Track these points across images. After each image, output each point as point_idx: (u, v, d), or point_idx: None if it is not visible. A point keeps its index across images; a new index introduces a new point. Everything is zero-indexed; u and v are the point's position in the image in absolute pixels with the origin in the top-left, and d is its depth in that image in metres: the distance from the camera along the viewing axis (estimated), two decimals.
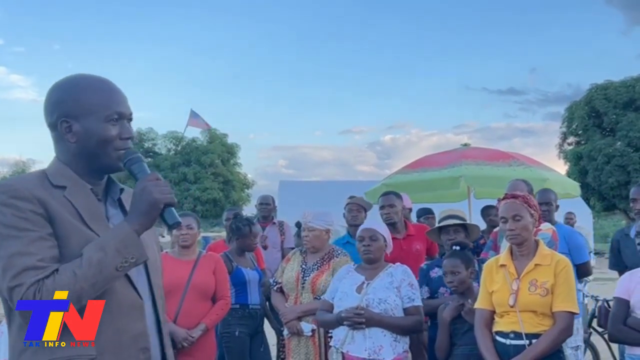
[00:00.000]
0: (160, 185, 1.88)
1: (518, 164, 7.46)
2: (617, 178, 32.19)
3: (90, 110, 1.93)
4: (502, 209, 3.55)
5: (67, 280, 1.73)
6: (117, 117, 1.96)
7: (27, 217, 1.78)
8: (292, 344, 4.58)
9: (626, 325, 3.51)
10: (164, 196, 1.87)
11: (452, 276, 3.97)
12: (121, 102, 1.99)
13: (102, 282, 1.78)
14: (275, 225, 7.45)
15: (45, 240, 1.79)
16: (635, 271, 3.68)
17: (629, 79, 33.94)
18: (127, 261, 1.81)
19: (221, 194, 37.64)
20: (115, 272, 1.80)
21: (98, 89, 1.98)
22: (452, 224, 4.68)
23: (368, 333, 3.88)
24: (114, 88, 2.02)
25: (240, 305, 5.30)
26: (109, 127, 1.94)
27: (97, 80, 2.02)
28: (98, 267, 1.76)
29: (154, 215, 1.88)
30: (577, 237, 5.21)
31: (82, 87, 1.97)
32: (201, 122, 31.86)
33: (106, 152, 1.95)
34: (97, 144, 1.94)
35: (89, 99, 1.94)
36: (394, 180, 7.81)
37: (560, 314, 3.36)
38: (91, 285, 1.75)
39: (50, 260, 1.77)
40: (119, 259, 1.79)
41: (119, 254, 1.79)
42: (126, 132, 1.98)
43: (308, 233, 4.71)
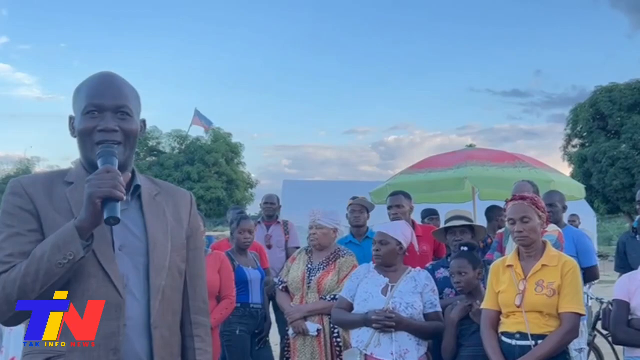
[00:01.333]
0: (104, 178, 1.80)
1: (523, 166, 7.44)
2: (622, 181, 32.13)
3: (77, 105, 2.00)
4: (511, 211, 3.54)
5: (15, 276, 1.78)
6: (94, 110, 1.94)
7: (13, 213, 1.87)
8: (297, 344, 4.57)
9: (630, 327, 3.50)
10: (100, 189, 1.77)
11: (459, 277, 3.95)
12: (102, 95, 1.96)
13: (44, 277, 1.77)
14: (280, 225, 7.44)
15: (23, 236, 1.84)
16: (634, 273, 3.67)
17: (634, 82, 33.88)
18: (66, 258, 1.77)
19: (225, 193, 37.66)
20: (56, 268, 1.77)
21: (87, 85, 2.01)
22: (459, 224, 4.67)
23: (395, 336, 3.86)
24: (102, 82, 2.00)
25: (241, 304, 5.27)
26: (87, 119, 1.94)
27: (93, 76, 2.04)
28: (39, 263, 1.77)
29: (92, 210, 1.78)
30: (586, 241, 5.19)
31: (80, 85, 2.03)
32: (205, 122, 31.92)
33: (87, 146, 1.96)
34: (79, 137, 1.97)
35: (79, 95, 2.00)
36: (399, 180, 7.80)
37: (567, 315, 3.35)
38: (33, 280, 1.77)
39: (18, 256, 1.81)
40: (58, 256, 1.76)
41: (58, 250, 1.77)
42: (103, 124, 1.93)
43: (317, 231, 4.70)
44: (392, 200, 5.45)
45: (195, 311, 2.15)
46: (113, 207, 1.79)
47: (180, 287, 2.08)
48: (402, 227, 4.29)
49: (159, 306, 1.95)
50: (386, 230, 4.22)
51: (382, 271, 4.13)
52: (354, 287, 4.14)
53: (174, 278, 2.03)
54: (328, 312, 4.44)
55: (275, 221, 7.47)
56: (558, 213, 5.14)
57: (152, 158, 39.10)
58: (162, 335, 1.96)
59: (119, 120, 1.95)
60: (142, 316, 1.93)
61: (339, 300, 4.23)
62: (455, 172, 7.41)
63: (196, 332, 2.13)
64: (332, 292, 4.53)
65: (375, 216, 6.19)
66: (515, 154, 8.11)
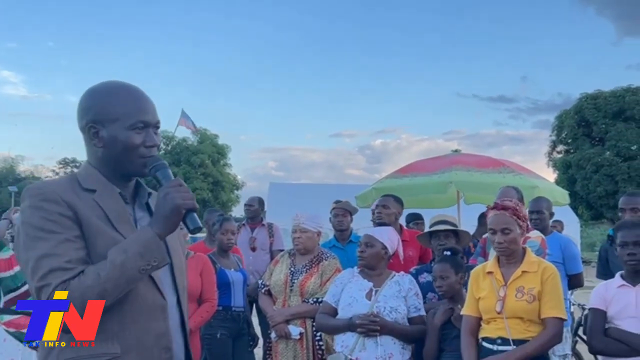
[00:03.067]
0: (182, 191, 1.93)
1: (508, 171, 7.47)
2: (605, 187, 32.43)
3: (116, 117, 2.00)
4: (492, 221, 3.54)
5: (92, 282, 1.80)
6: (142, 126, 2.02)
7: (55, 220, 1.86)
8: (279, 347, 4.54)
9: (607, 336, 3.51)
10: (185, 202, 1.92)
11: (441, 281, 3.96)
12: (147, 111, 2.05)
13: (124, 283, 1.84)
14: (264, 227, 7.42)
15: (72, 242, 1.86)
16: (610, 282, 3.67)
17: (619, 89, 34.24)
18: (150, 264, 1.86)
19: (210, 194, 37.66)
20: (138, 274, 1.85)
21: (125, 97, 2.04)
22: (443, 229, 4.67)
23: (380, 340, 3.85)
24: (141, 96, 2.08)
25: (223, 307, 5.25)
26: (134, 134, 2.01)
27: (126, 87, 2.08)
28: (121, 270, 1.82)
29: (176, 220, 1.93)
30: (573, 248, 5.20)
31: (110, 94, 2.04)
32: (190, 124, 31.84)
33: (130, 159, 2.02)
34: (122, 150, 2.01)
35: (116, 106, 2.01)
36: (385, 184, 7.80)
37: (550, 320, 3.37)
38: (114, 286, 1.82)
39: (76, 262, 1.83)
40: (141, 262, 1.84)
41: (141, 257, 1.84)
42: (150, 140, 2.03)
43: (300, 234, 4.68)
44: (379, 201, 5.46)
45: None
46: (195, 217, 1.96)
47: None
48: (389, 233, 4.30)
49: (185, 305, 2.14)
50: (373, 233, 4.22)
51: (366, 275, 4.12)
52: (338, 291, 4.13)
53: (185, 279, 2.21)
54: (310, 315, 4.43)
55: (260, 223, 7.45)
56: (545, 220, 5.15)
57: None
58: (189, 333, 2.15)
59: (155, 135, 2.07)
60: (176, 316, 2.08)
61: (323, 305, 4.22)
62: (440, 177, 7.43)
63: None
64: (315, 295, 4.52)
65: (359, 220, 6.19)
66: (500, 160, 8.14)
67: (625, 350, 3.41)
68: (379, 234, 4.19)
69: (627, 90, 33.71)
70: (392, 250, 4.20)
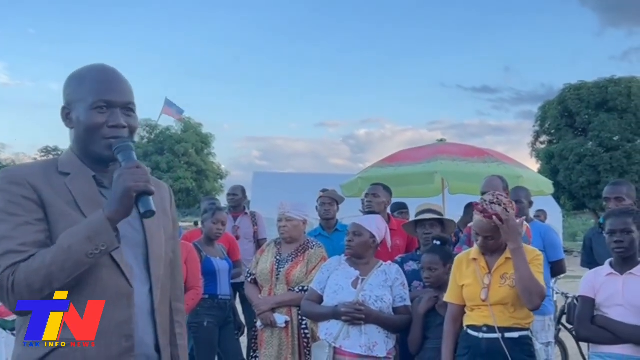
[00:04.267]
0: (137, 173, 1.88)
1: (492, 161, 7.50)
2: (588, 178, 32.65)
3: (80, 98, 1.99)
4: (477, 225, 3.51)
5: (38, 265, 1.78)
6: (104, 105, 1.98)
7: (17, 202, 1.86)
8: (265, 336, 4.54)
9: (594, 324, 3.53)
10: (136, 184, 1.86)
11: (430, 272, 3.96)
12: (111, 90, 2.01)
13: (71, 267, 1.80)
14: (248, 216, 7.43)
15: (32, 225, 1.85)
16: (599, 269, 3.70)
17: (602, 80, 34.39)
18: (98, 248, 1.81)
19: (194, 183, 37.48)
20: (86, 258, 1.81)
21: (92, 78, 2.02)
22: (429, 218, 4.68)
23: (364, 329, 3.86)
24: (109, 76, 2.05)
25: (209, 295, 5.26)
26: (96, 114, 1.97)
27: (96, 68, 2.06)
28: (68, 253, 1.79)
29: (126, 203, 1.86)
30: (553, 235, 5.24)
31: (80, 75, 2.04)
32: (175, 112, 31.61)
33: (93, 140, 1.99)
34: (84, 131, 1.99)
35: (82, 87, 2.01)
36: (370, 173, 7.81)
37: None
38: (60, 270, 1.78)
39: (31, 245, 1.82)
40: (89, 246, 1.80)
41: (89, 241, 1.80)
42: (114, 120, 1.99)
43: (286, 223, 4.67)
44: (369, 189, 5.48)
45: (175, 298, 2.26)
46: (148, 201, 1.89)
47: (169, 276, 2.20)
48: (377, 221, 4.29)
49: (159, 295, 2.07)
50: (361, 222, 4.21)
51: (353, 264, 4.12)
52: (324, 279, 4.13)
53: (166, 267, 2.15)
54: (296, 303, 4.42)
55: (243, 212, 7.46)
56: (524, 209, 5.18)
57: None
58: (162, 322, 2.09)
59: (126, 116, 2.02)
60: (146, 304, 2.02)
61: (309, 292, 4.22)
62: (426, 166, 7.44)
63: (177, 318, 2.25)
64: (301, 283, 4.51)
65: (345, 209, 6.19)
66: (485, 149, 8.17)
67: (611, 338, 3.44)
68: (367, 223, 4.19)
69: (610, 81, 33.89)
70: (380, 238, 4.20)
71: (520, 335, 3.44)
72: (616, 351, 3.42)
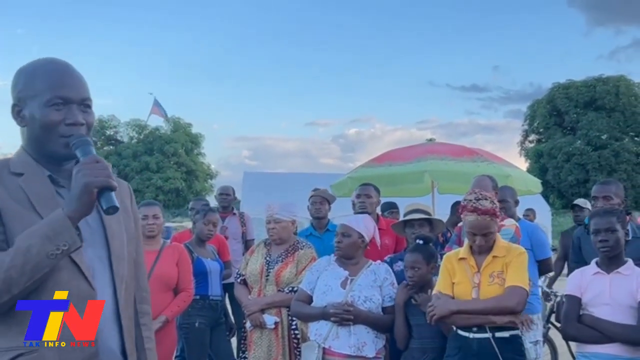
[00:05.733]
0: (96, 167, 1.79)
1: (482, 160, 7.52)
2: (576, 176, 32.87)
3: (34, 94, 1.90)
4: (473, 225, 3.54)
5: None
6: (60, 102, 1.89)
7: None
8: (254, 337, 4.53)
9: (580, 323, 3.56)
10: (97, 179, 1.77)
11: (413, 271, 3.96)
12: (67, 86, 1.91)
13: (31, 270, 1.70)
14: (236, 216, 7.42)
15: None
16: (585, 268, 3.73)
17: (590, 79, 34.63)
18: (59, 248, 1.72)
19: (184, 183, 37.40)
20: (46, 259, 1.71)
21: (45, 73, 1.92)
22: (417, 217, 4.69)
23: (353, 329, 3.87)
24: (64, 71, 1.95)
25: (200, 296, 5.25)
26: (52, 111, 1.88)
27: (50, 63, 1.96)
28: (26, 255, 1.69)
29: (87, 200, 1.77)
30: (540, 234, 5.27)
31: (32, 71, 1.93)
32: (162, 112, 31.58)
33: (50, 138, 1.90)
34: (40, 129, 1.89)
35: (35, 83, 1.90)
36: (360, 173, 7.81)
37: (509, 287, 3.43)
38: (20, 273, 1.69)
39: None
40: (49, 246, 1.71)
41: (49, 240, 1.71)
42: (71, 117, 1.90)
43: (275, 225, 4.66)
44: (361, 190, 5.44)
45: (140, 300, 2.17)
46: (110, 196, 1.80)
47: (134, 277, 2.10)
48: (364, 220, 4.30)
49: (124, 297, 1.97)
50: (349, 222, 4.21)
51: (342, 264, 4.13)
52: (314, 279, 4.13)
53: (130, 268, 2.05)
54: (286, 304, 4.42)
55: (231, 212, 7.45)
56: (510, 208, 5.20)
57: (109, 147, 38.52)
58: (127, 326, 1.98)
59: (83, 112, 1.93)
60: (110, 307, 1.92)
61: (298, 293, 4.22)
62: (415, 166, 7.45)
63: (142, 320, 2.16)
64: (291, 284, 4.51)
65: (336, 209, 6.19)
66: (474, 149, 8.19)
67: (597, 336, 3.47)
68: (355, 223, 4.19)
69: (598, 80, 34.11)
70: (369, 238, 4.21)
71: (510, 334, 3.47)
72: (602, 351, 3.44)
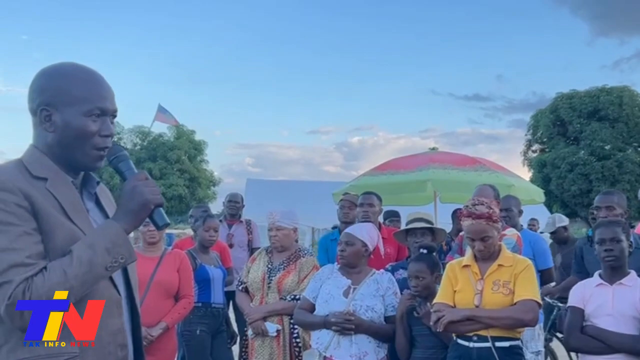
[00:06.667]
0: (150, 185, 1.87)
1: (484, 170, 7.52)
2: (580, 186, 32.78)
3: (71, 101, 1.87)
4: (470, 230, 3.54)
5: (58, 279, 1.70)
6: (99, 113, 1.90)
7: (12, 211, 1.72)
8: (255, 345, 4.52)
9: (584, 334, 3.55)
10: (154, 197, 1.86)
11: (417, 281, 3.94)
12: (106, 97, 1.93)
13: (91, 280, 1.75)
14: (242, 224, 7.41)
15: (31, 235, 1.74)
16: (588, 281, 3.73)
17: (594, 89, 34.57)
18: (117, 261, 1.79)
19: (187, 190, 37.37)
20: (105, 271, 1.78)
21: (83, 81, 1.91)
22: (419, 226, 4.68)
23: (354, 339, 3.86)
24: (101, 81, 1.95)
25: (202, 303, 5.25)
26: (89, 122, 1.88)
27: (85, 71, 1.95)
28: (88, 266, 1.73)
29: (143, 216, 1.86)
30: (542, 244, 5.26)
31: (67, 76, 1.91)
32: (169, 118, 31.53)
33: (83, 148, 1.90)
34: (75, 138, 1.88)
35: (72, 89, 1.88)
36: (362, 181, 7.82)
37: (521, 300, 3.39)
38: (81, 283, 1.73)
39: (37, 257, 1.72)
40: (108, 259, 1.77)
41: (108, 253, 1.77)
42: (106, 129, 1.92)
43: (277, 232, 4.66)
44: (364, 198, 5.43)
45: None
46: (161, 213, 1.90)
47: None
48: (368, 229, 4.29)
49: (137, 299, 2.04)
50: (352, 231, 4.22)
51: (345, 272, 4.12)
52: (317, 287, 4.13)
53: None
54: (288, 312, 4.42)
55: (238, 220, 7.44)
56: (514, 217, 5.20)
57: None
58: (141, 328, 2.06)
59: (112, 124, 1.96)
60: (128, 311, 1.99)
61: (301, 301, 4.22)
62: (418, 175, 7.46)
63: None
64: (292, 292, 4.51)
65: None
66: (477, 158, 8.19)
67: (601, 347, 3.46)
68: (358, 232, 4.19)
69: (601, 90, 34.07)
70: (372, 246, 4.20)
71: (510, 344, 3.45)
72: None
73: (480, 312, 3.41)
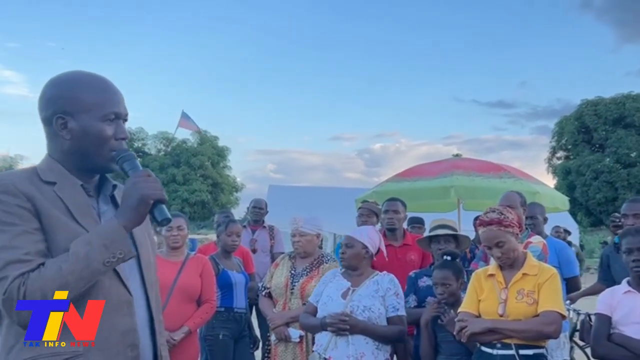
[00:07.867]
0: (151, 181, 1.88)
1: (509, 177, 7.47)
2: (605, 194, 32.47)
3: (87, 108, 1.93)
4: (483, 238, 3.53)
5: (53, 274, 1.72)
6: (113, 117, 1.96)
7: (13, 212, 1.78)
8: (279, 350, 4.54)
9: (610, 342, 3.51)
10: (153, 192, 1.86)
11: (443, 288, 3.93)
12: (118, 102, 1.99)
13: (88, 276, 1.76)
14: (266, 229, 7.43)
15: (31, 234, 1.78)
16: (616, 288, 3.68)
17: (619, 96, 34.27)
18: (115, 256, 1.79)
19: (210, 196, 37.64)
20: (102, 267, 1.78)
21: (96, 87, 1.97)
22: (443, 233, 4.66)
23: (351, 340, 3.85)
24: (112, 87, 2.02)
25: (225, 308, 5.27)
26: (105, 126, 1.94)
27: (96, 78, 2.01)
28: (85, 262, 1.75)
29: (142, 211, 1.87)
30: (568, 252, 5.21)
31: (79, 84, 1.96)
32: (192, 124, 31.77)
33: (100, 152, 1.95)
34: (92, 142, 1.94)
35: (87, 96, 1.94)
36: (386, 188, 7.81)
37: (545, 311, 3.34)
38: (77, 279, 1.74)
39: (35, 254, 1.76)
40: (106, 254, 1.78)
41: (106, 249, 1.78)
42: (121, 132, 1.98)
43: (300, 238, 4.67)
44: (389, 205, 5.43)
45: None
46: (162, 209, 1.90)
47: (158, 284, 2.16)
48: (368, 231, 4.31)
49: (154, 303, 2.05)
50: (353, 234, 4.24)
51: (347, 275, 4.14)
52: (320, 291, 4.16)
53: (156, 275, 2.12)
54: None
55: (261, 225, 7.46)
56: (539, 225, 5.16)
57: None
58: (159, 329, 2.06)
59: (124, 127, 2.02)
60: (145, 312, 2.00)
61: (307, 305, 4.26)
62: (441, 181, 7.43)
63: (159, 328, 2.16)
64: None
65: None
66: (501, 165, 8.15)
67: (627, 355, 3.41)
68: (358, 235, 4.20)
69: (627, 97, 33.74)
70: (374, 249, 4.20)
71: (534, 352, 3.40)
72: None
73: (502, 324, 3.37)
